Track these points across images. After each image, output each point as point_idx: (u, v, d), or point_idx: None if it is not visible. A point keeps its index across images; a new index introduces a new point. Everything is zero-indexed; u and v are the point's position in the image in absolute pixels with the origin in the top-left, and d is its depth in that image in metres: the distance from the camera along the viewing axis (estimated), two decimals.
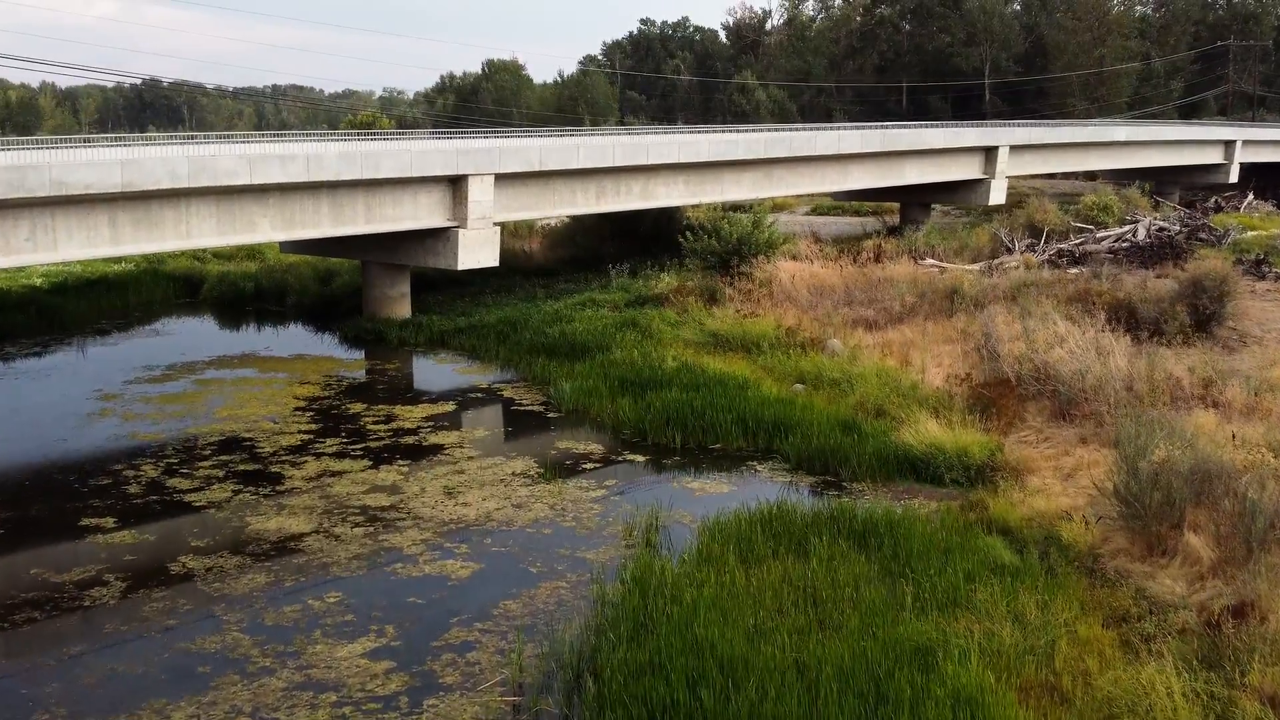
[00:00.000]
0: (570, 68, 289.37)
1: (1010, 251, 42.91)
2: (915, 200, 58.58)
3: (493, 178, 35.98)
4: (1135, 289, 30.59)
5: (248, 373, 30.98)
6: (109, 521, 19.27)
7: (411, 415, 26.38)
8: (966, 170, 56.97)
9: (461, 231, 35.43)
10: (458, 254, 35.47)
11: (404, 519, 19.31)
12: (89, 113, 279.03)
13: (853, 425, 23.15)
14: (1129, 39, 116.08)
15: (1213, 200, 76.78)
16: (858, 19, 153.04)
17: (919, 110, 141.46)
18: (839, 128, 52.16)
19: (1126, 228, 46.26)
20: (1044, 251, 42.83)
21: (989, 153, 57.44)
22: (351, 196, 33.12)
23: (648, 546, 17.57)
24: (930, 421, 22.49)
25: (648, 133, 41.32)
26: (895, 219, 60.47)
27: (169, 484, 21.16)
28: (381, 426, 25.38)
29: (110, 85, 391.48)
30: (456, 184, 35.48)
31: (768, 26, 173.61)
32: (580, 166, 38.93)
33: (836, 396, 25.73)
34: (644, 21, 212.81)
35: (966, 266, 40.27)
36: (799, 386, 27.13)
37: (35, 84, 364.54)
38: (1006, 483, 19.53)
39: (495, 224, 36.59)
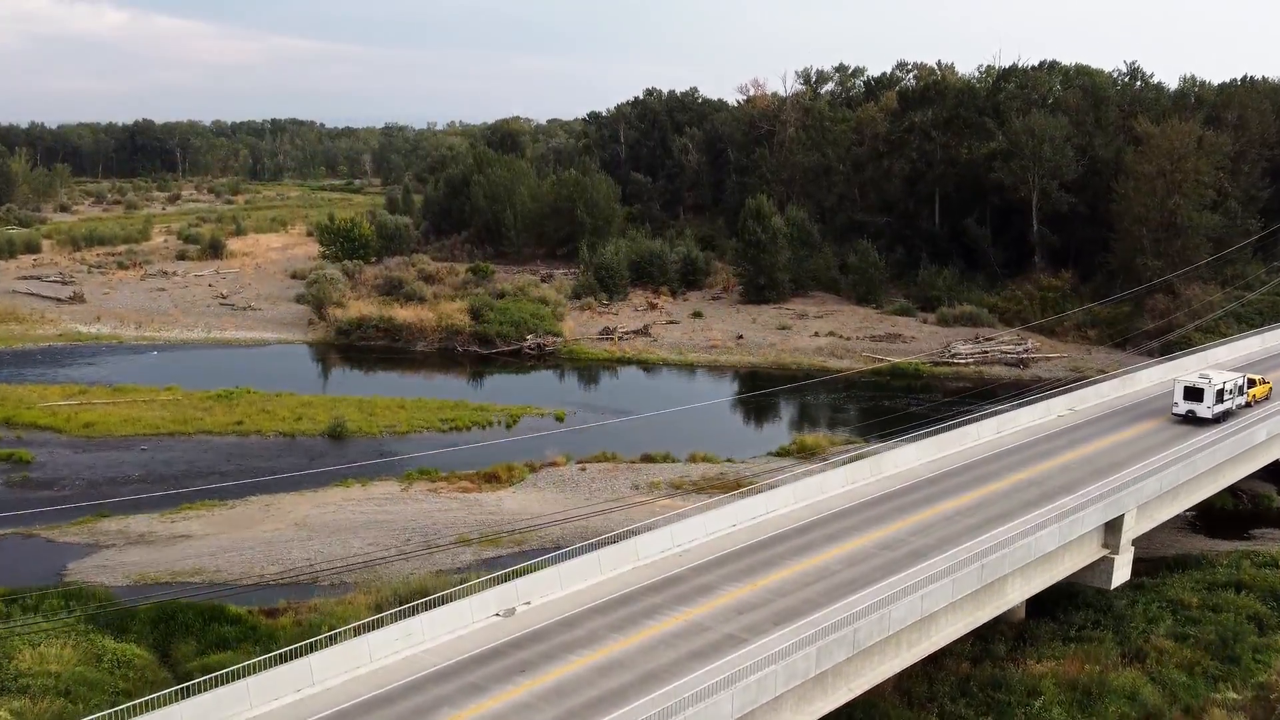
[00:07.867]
0: (574, 119, 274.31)
1: None
2: None
3: None
4: None
5: None
6: None
7: None
8: (1082, 556, 41.92)
9: None
10: None
11: None
12: (65, 178, 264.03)
13: None
14: (1205, 181, 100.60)
15: None
16: (884, 125, 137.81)
17: (954, 231, 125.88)
18: (920, 591, 34.62)
19: None
20: None
21: (1111, 524, 42.34)
22: None
23: None
24: None
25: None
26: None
27: None
28: None
29: (102, 124, 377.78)
30: None
31: (781, 116, 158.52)
32: None
33: None
34: (649, 92, 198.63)
35: None
36: None
37: (24, 124, 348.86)
38: None
39: None
